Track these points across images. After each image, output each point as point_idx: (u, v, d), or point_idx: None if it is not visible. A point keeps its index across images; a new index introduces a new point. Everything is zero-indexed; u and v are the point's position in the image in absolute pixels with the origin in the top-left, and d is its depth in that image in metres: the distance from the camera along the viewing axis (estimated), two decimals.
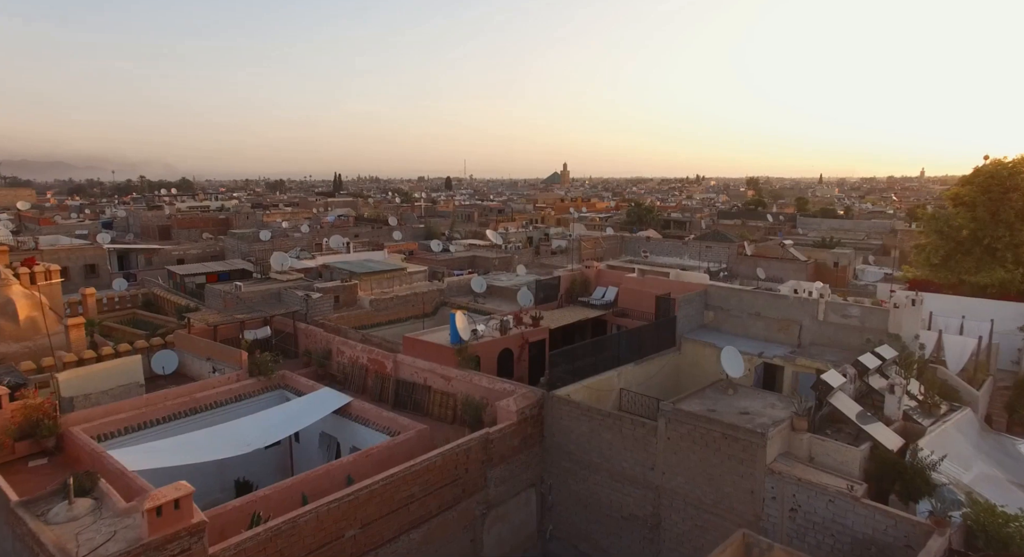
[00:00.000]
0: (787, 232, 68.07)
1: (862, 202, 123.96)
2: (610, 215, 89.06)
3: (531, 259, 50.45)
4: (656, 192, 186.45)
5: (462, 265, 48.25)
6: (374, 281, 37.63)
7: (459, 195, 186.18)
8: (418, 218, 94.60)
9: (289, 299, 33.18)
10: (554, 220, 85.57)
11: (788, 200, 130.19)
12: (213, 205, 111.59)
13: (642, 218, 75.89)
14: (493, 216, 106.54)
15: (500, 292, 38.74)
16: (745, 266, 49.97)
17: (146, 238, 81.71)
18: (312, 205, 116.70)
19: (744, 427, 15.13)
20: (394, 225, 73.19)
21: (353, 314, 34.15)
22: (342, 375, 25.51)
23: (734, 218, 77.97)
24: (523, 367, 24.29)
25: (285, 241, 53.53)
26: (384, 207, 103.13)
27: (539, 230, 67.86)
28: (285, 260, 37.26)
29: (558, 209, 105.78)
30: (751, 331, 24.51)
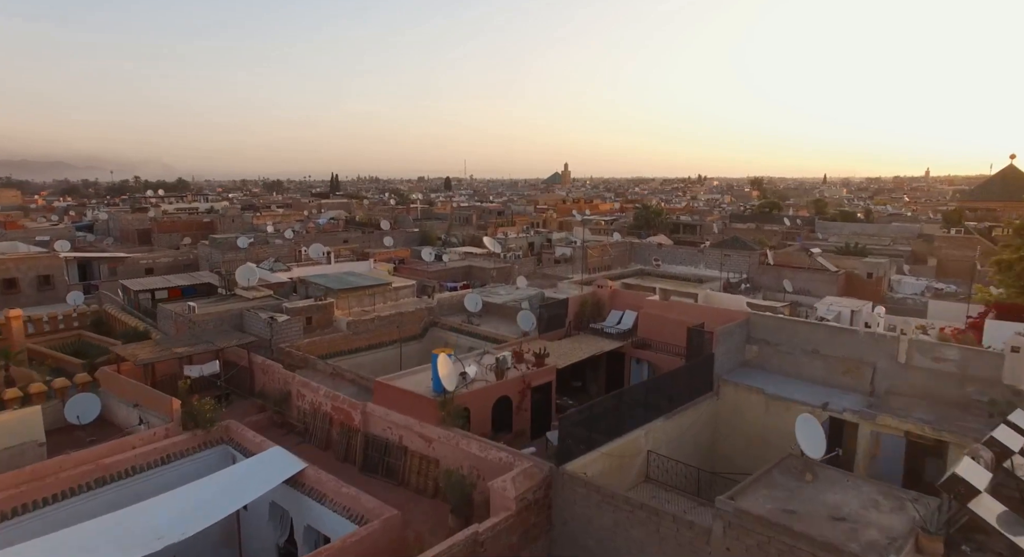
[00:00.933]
0: (805, 237, 63.21)
1: (874, 203, 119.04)
2: (615, 217, 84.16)
3: (533, 269, 45.63)
4: (659, 192, 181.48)
5: (456, 277, 43.41)
6: (354, 298, 32.76)
7: (458, 196, 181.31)
8: (414, 221, 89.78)
9: (251, 323, 28.32)
10: (556, 223, 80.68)
11: (798, 201, 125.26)
12: (202, 207, 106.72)
13: (650, 221, 71.01)
14: (492, 218, 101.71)
15: (498, 310, 33.85)
16: (768, 277, 45.09)
17: (125, 242, 76.90)
18: (305, 207, 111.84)
19: (850, 551, 10.27)
20: (386, 229, 68.33)
21: (327, 339, 29.30)
22: (303, 424, 20.68)
23: (747, 221, 73.07)
24: (524, 418, 19.45)
25: (264, 249, 48.69)
26: (378, 209, 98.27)
27: (541, 235, 62.98)
28: (252, 274, 32.40)
29: (560, 211, 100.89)
30: (806, 372, 19.65)
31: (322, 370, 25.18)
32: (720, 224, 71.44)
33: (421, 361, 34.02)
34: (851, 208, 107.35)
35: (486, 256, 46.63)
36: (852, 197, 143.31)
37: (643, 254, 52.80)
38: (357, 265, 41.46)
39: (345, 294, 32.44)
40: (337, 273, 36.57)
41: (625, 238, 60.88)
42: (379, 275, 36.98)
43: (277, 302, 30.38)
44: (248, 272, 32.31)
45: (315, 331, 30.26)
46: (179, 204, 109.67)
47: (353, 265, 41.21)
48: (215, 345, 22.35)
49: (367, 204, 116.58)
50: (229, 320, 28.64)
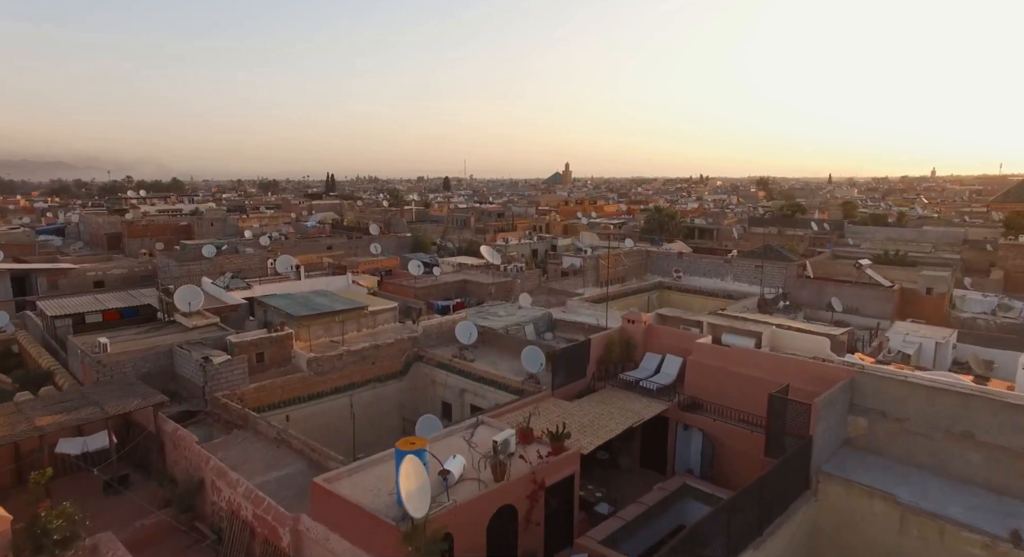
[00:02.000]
0: (836, 243, 56.85)
1: (892, 204, 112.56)
2: (623, 220, 77.77)
3: (537, 283, 39.26)
4: (664, 193, 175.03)
5: (450, 293, 37.04)
6: (321, 327, 26.40)
7: (457, 196, 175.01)
8: (408, 224, 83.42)
9: (183, 363, 21.99)
10: (560, 227, 74.27)
11: (809, 201, 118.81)
12: (186, 208, 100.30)
13: (663, 225, 64.61)
14: (492, 221, 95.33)
15: (497, 342, 27.49)
16: (808, 292, 38.75)
17: (95, 247, 70.68)
18: (295, 208, 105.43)
19: None
20: (375, 234, 61.93)
21: (282, 382, 22.98)
22: (216, 531, 14.34)
23: (767, 225, 66.67)
24: (535, 535, 13.08)
25: (232, 260, 42.29)
26: (370, 211, 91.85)
27: (545, 241, 56.58)
28: (194, 297, 26.00)
29: (564, 213, 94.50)
30: (955, 466, 13.30)
31: (265, 433, 18.84)
32: (739, 228, 65.06)
33: (402, 404, 27.74)
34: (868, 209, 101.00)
35: (484, 268, 40.24)
36: (865, 198, 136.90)
37: (661, 264, 46.41)
38: (333, 280, 35.11)
39: (309, 322, 26.07)
40: (304, 293, 30.20)
41: (638, 244, 54.52)
42: (355, 295, 30.59)
43: (222, 334, 24.01)
44: (189, 294, 25.92)
45: (268, 370, 23.94)
46: (162, 205, 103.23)
47: (328, 281, 34.85)
48: (103, 411, 15.95)
49: (360, 205, 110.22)
50: (155, 360, 22.30)
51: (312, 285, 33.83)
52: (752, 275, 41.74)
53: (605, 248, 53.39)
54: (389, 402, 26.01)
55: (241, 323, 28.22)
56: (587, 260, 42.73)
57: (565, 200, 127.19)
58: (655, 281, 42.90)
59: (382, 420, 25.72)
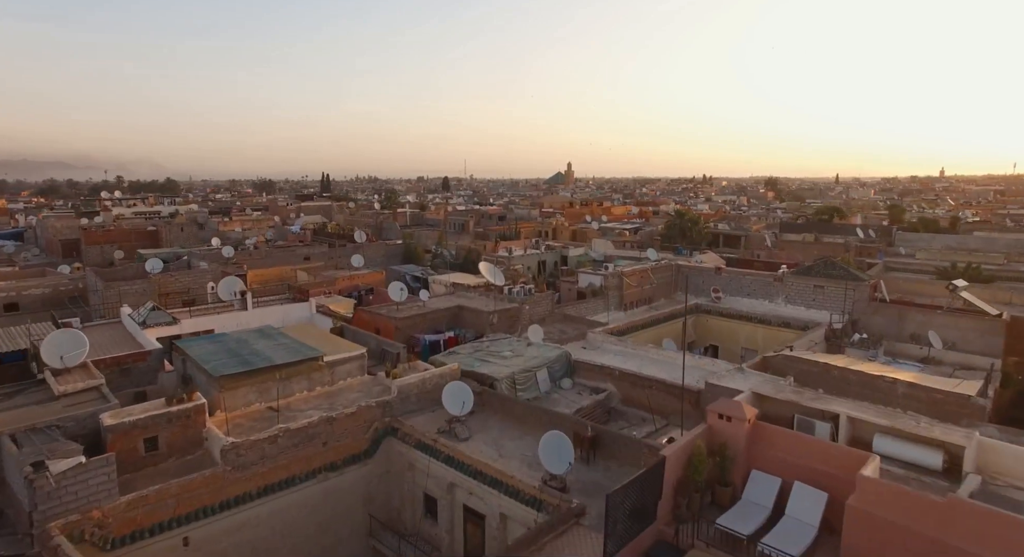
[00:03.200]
0: (886, 252, 48.92)
1: (914, 205, 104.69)
2: (637, 225, 69.81)
3: (549, 308, 31.24)
4: (673, 193, 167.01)
5: (440, 323, 29.08)
6: (254, 388, 18.51)
7: (457, 196, 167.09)
8: (401, 228, 75.51)
9: (9, 467, 14.10)
10: (568, 232, 66.28)
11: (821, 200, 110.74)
12: (165, 210, 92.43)
13: (685, 232, 56.66)
14: (492, 224, 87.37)
15: (502, 406, 19.63)
16: (884, 319, 30.85)
17: (51, 254, 62.86)
18: (282, 210, 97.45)
19: None
20: (361, 242, 54.01)
21: (179, 485, 15.08)
22: None
23: (801, 231, 58.72)
24: None
25: (177, 278, 34.32)
26: (361, 214, 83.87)
27: (554, 251, 48.63)
28: (72, 345, 18.05)
29: (570, 216, 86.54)
30: None
31: None
32: (771, 235, 57.11)
33: (369, 497, 18.54)
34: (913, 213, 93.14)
35: (483, 290, 32.21)
36: (883, 199, 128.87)
37: (694, 282, 38.46)
38: (292, 310, 27.20)
39: (235, 383, 18.17)
40: (244, 333, 22.26)
41: (660, 254, 46.59)
42: (312, 335, 22.60)
43: (97, 409, 16.08)
44: (63, 342, 17.97)
45: (166, 461, 16.05)
46: (140, 207, 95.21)
47: (286, 310, 26.95)
48: None
49: (353, 207, 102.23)
50: None
51: (262, 317, 25.94)
52: (808, 296, 33.84)
53: (625, 261, 45.56)
54: (350, 496, 18.12)
55: (153, 376, 20.31)
56: (609, 278, 34.76)
57: (570, 201, 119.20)
58: (690, 303, 34.94)
59: (339, 523, 17.85)
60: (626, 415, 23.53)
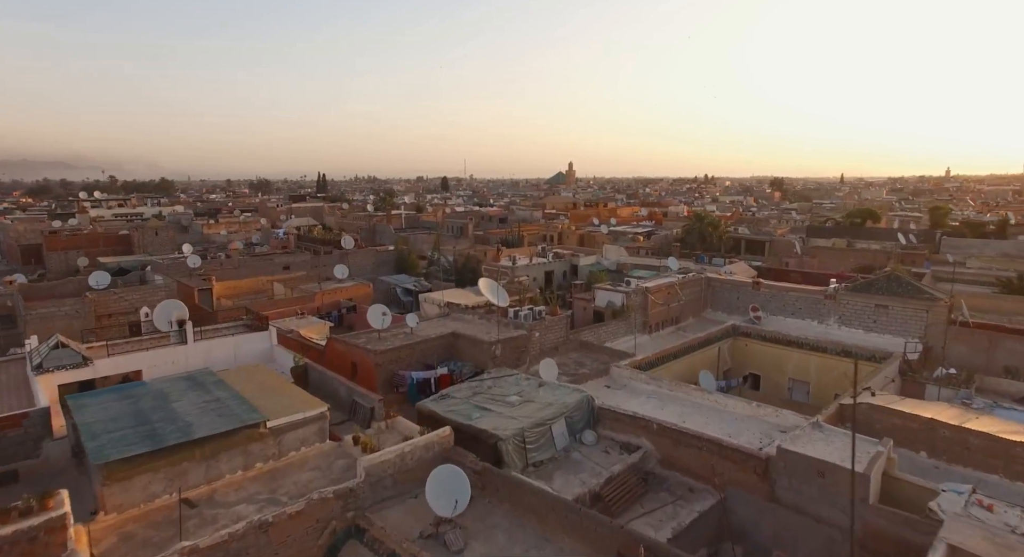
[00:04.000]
0: (932, 260, 43.51)
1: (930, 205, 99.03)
2: (649, 229, 64.33)
3: (563, 335, 25.75)
4: (677, 193, 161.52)
5: (432, 355, 23.57)
6: (163, 474, 13.05)
7: (456, 197, 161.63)
8: (395, 232, 70.10)
9: None
10: (575, 236, 60.80)
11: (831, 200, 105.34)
12: (147, 211, 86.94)
13: (705, 237, 51.22)
14: (493, 227, 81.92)
15: (508, 495, 14.21)
16: (968, 349, 25.43)
17: (11, 261, 57.44)
18: (272, 212, 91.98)
19: None
20: (348, 248, 48.54)
21: None
22: None
23: (831, 236, 53.29)
24: None
25: (123, 296, 28.83)
26: (354, 216, 78.32)
27: (563, 260, 43.16)
28: None
29: (575, 218, 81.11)
30: None
31: None
32: (798, 240, 51.65)
33: None
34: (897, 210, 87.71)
35: (483, 313, 26.66)
36: (899, 200, 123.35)
37: (726, 298, 33.06)
38: (247, 342, 21.70)
39: (135, 469, 12.71)
40: (168, 382, 16.77)
41: (681, 262, 41.16)
42: (258, 386, 17.06)
43: None
44: None
45: None
46: (121, 208, 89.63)
47: (238, 343, 21.45)
48: None
49: (346, 208, 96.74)
50: None
51: (207, 353, 20.50)
52: (867, 318, 28.40)
53: (642, 271, 40.16)
54: None
55: (34, 447, 14.84)
56: (632, 297, 29.26)
57: (573, 202, 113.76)
58: (726, 324, 29.45)
59: None
60: (668, 483, 18.12)
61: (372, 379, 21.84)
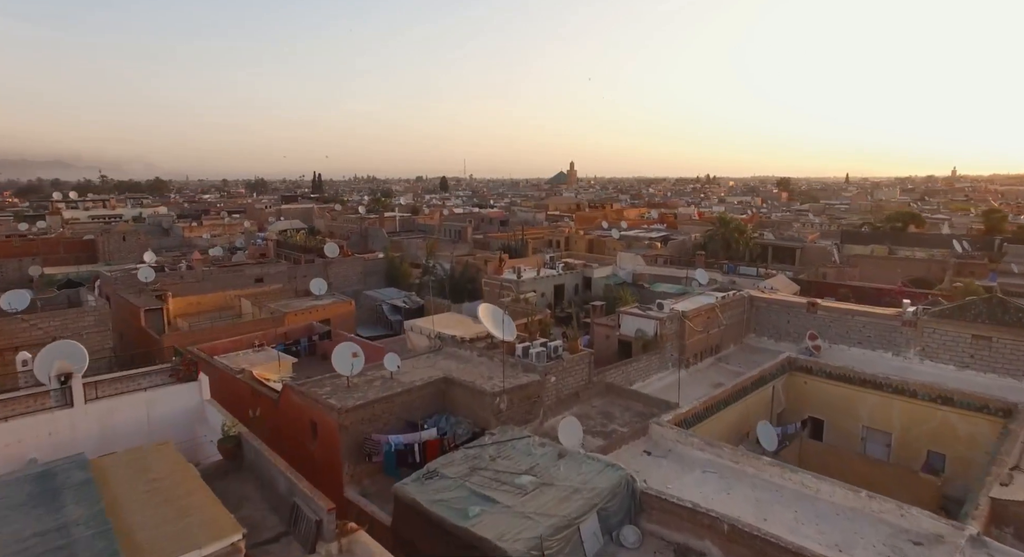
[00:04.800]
0: (995, 270, 37.82)
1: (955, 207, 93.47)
2: (663, 233, 58.66)
3: (585, 378, 20.04)
4: (680, 193, 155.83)
5: (415, 409, 17.83)
6: None
7: (455, 197, 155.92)
8: (389, 235, 64.47)
9: None
10: (584, 242, 55.11)
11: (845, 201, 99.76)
12: (126, 213, 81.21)
13: (730, 244, 45.57)
14: (493, 229, 76.28)
15: None
16: None
17: None
18: (260, 214, 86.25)
19: None
20: (332, 256, 42.85)
21: None
22: None
23: (869, 242, 47.65)
24: None
25: (33, 326, 23.09)
26: (344, 220, 72.58)
27: (574, 272, 37.46)
28: None
29: (580, 220, 75.46)
30: None
31: None
32: (832, 247, 45.98)
33: None
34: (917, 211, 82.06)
35: (485, 349, 20.90)
36: (916, 201, 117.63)
37: (774, 322, 27.40)
38: (164, 398, 15.98)
39: None
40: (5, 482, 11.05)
41: (709, 273, 35.53)
42: (146, 492, 11.35)
43: None
44: None
45: None
46: (100, 209, 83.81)
47: (150, 402, 15.73)
48: None
49: (340, 210, 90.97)
50: None
51: (105, 419, 14.83)
52: (961, 351, 22.73)
53: (666, 285, 34.56)
54: None
55: None
56: (667, 324, 23.55)
57: (577, 203, 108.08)
58: (780, 358, 23.75)
59: None
60: None
61: (335, 446, 16.20)
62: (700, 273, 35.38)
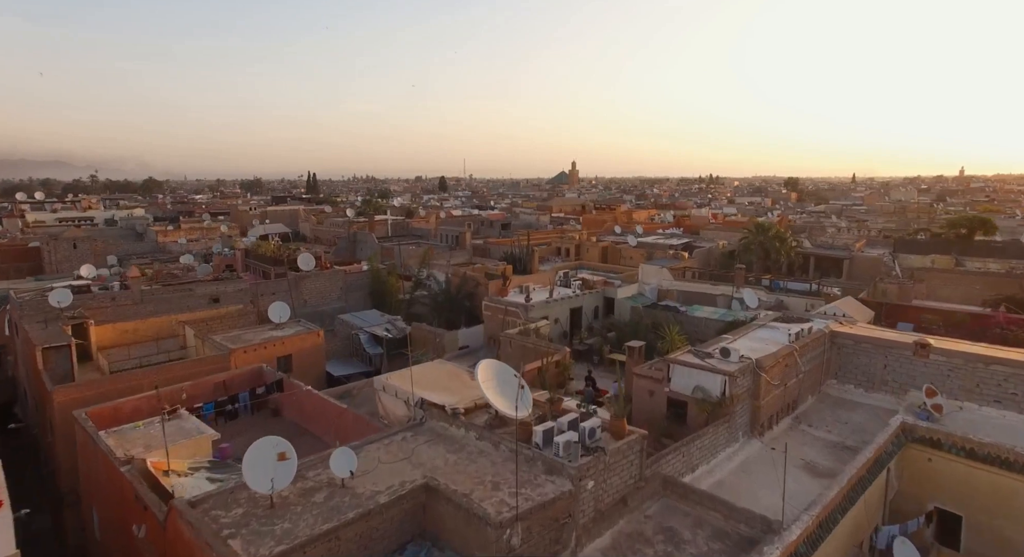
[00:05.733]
0: None
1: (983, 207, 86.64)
2: (685, 240, 51.93)
3: (636, 475, 13.51)
4: (689, 194, 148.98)
5: (379, 540, 11.16)
6: None
7: (454, 198, 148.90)
8: (380, 241, 57.75)
9: None
10: (596, 250, 48.37)
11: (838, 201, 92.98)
12: (99, 216, 74.34)
13: (769, 253, 38.87)
14: (494, 233, 69.54)
15: None
16: None
17: None
18: (243, 216, 79.34)
19: None
20: (308, 270, 36.10)
21: None
22: None
23: (928, 251, 40.96)
24: None
25: None
26: (331, 223, 65.73)
27: (593, 293, 30.67)
28: None
29: (588, 224, 68.69)
30: None
31: None
32: (890, 258, 39.25)
33: None
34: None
35: (487, 427, 14.26)
36: (936, 201, 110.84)
37: (865, 366, 20.69)
38: None
39: None
40: None
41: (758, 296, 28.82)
42: None
43: None
44: None
45: None
46: (68, 212, 76.77)
47: None
48: None
49: (330, 211, 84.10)
50: None
51: None
52: None
53: (707, 309, 28.01)
54: None
55: None
56: (736, 379, 16.80)
57: (582, 204, 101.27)
58: (893, 425, 17.02)
59: None
60: None
61: None
62: (748, 294, 28.72)
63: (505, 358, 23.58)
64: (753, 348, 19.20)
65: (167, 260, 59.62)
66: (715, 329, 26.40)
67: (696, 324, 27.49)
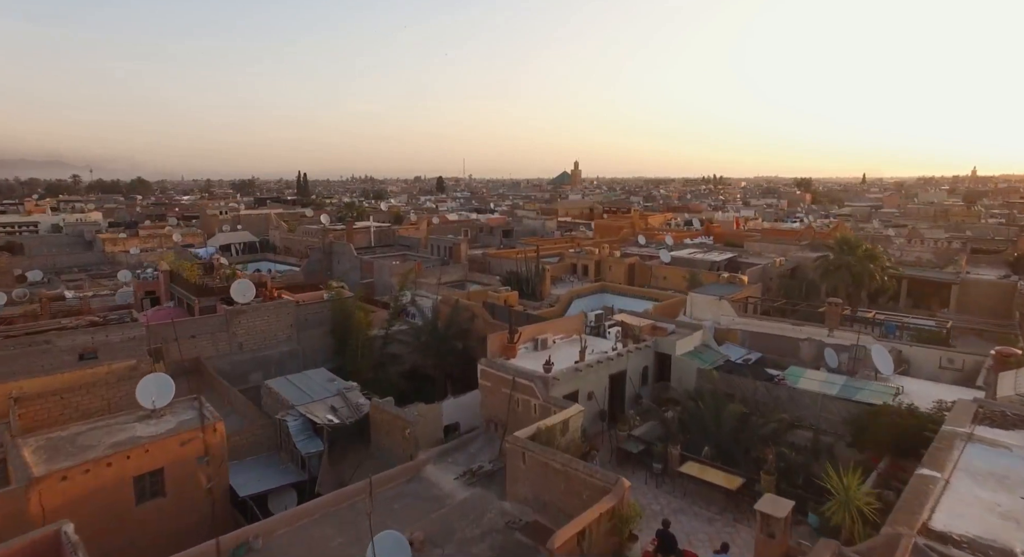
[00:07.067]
0: None
1: None
2: (728, 254, 41.77)
3: None
4: (699, 196, 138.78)
5: None
6: None
7: (452, 199, 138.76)
8: (359, 254, 47.75)
9: None
10: (622, 269, 38.14)
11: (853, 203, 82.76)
12: (46, 221, 64.33)
13: (856, 275, 28.79)
14: (494, 242, 59.53)
15: None
16: None
17: None
18: (211, 222, 69.14)
19: None
20: (243, 301, 25.98)
21: None
22: None
23: None
24: None
25: None
26: (303, 231, 55.48)
27: (641, 351, 20.44)
28: None
29: (602, 231, 58.67)
30: None
31: None
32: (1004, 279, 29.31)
33: None
34: None
35: None
36: (970, 204, 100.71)
37: None
38: None
39: None
40: None
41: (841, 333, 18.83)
42: None
43: None
44: None
45: None
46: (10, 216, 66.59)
47: None
48: None
49: (310, 215, 74.01)
50: None
51: None
52: None
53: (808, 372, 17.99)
54: None
55: None
56: None
57: (590, 207, 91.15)
58: None
59: None
60: None
61: None
62: (879, 353, 18.66)
63: (516, 485, 13.65)
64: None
65: (107, 275, 49.86)
66: (838, 413, 16.53)
67: (804, 403, 17.51)
